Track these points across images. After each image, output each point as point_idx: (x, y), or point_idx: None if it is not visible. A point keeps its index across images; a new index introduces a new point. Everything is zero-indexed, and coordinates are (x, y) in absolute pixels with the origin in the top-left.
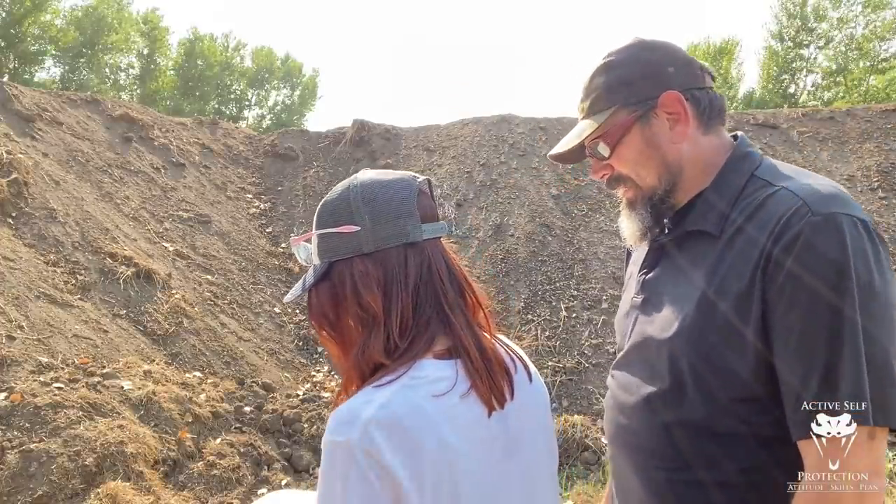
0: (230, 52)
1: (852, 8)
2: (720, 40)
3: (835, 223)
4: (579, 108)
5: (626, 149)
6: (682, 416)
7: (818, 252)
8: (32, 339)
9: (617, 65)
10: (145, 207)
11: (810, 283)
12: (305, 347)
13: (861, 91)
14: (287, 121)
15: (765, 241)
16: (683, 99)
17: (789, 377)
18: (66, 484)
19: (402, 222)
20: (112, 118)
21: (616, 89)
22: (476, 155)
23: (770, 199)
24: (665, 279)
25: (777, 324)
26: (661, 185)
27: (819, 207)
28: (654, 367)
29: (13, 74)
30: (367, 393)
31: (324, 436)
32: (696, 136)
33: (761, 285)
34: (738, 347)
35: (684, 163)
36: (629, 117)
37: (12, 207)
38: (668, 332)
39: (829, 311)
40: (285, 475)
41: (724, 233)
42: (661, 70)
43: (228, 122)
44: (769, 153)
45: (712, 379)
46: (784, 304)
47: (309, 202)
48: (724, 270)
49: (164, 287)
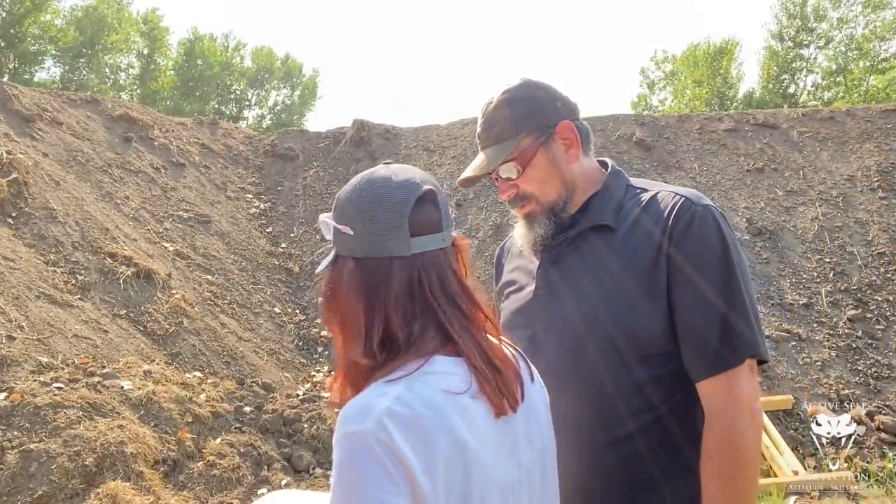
0: (230, 52)
1: (852, 8)
2: (720, 40)
3: (710, 212)
4: (480, 136)
5: (533, 170)
6: (610, 379)
7: (706, 232)
8: (32, 339)
9: (517, 100)
10: (145, 207)
11: (705, 255)
12: (305, 347)
13: (861, 91)
14: (287, 121)
15: (662, 227)
16: (575, 127)
17: (694, 327)
18: (66, 484)
19: (390, 235)
20: (112, 118)
21: (521, 120)
22: (476, 155)
23: (654, 199)
24: (568, 270)
25: (680, 287)
26: (561, 199)
27: (697, 201)
28: (578, 342)
29: (13, 74)
30: (379, 387)
31: (336, 431)
32: (581, 158)
33: (665, 260)
34: (650, 310)
35: (577, 179)
36: (535, 143)
37: (12, 207)
38: (586, 309)
39: (721, 272)
40: (285, 475)
41: (619, 226)
42: (554, 104)
43: (228, 122)
44: (769, 153)
45: (629, 341)
46: (686, 271)
47: (309, 202)
48: (629, 253)
49: (164, 287)
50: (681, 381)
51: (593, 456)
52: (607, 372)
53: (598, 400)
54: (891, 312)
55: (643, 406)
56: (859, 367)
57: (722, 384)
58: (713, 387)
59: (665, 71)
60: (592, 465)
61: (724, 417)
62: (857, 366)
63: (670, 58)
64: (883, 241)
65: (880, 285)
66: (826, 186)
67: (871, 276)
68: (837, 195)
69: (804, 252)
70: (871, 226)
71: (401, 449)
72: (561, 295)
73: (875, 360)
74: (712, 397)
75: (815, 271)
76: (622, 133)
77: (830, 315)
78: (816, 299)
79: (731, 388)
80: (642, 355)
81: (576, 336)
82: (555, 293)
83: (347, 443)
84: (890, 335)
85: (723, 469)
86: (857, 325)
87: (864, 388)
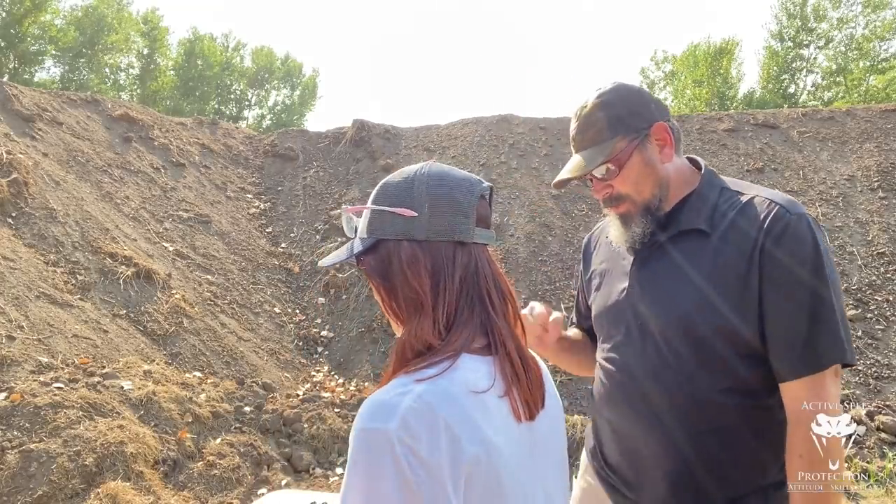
0: (230, 52)
1: (852, 8)
2: (720, 40)
3: (805, 220)
4: (575, 139)
5: (629, 170)
6: (699, 378)
7: (800, 240)
8: (32, 339)
9: (611, 103)
10: (145, 207)
11: (797, 262)
12: (305, 347)
13: (861, 91)
14: (287, 121)
15: (756, 234)
16: (668, 128)
17: (784, 332)
18: (66, 484)
19: (458, 220)
20: (112, 118)
21: (616, 122)
22: (476, 155)
23: (749, 204)
24: (661, 271)
25: (773, 293)
26: (656, 199)
27: (792, 209)
28: (667, 342)
29: (13, 74)
30: (404, 383)
31: (356, 423)
32: (674, 158)
33: (758, 265)
34: (741, 313)
35: (671, 179)
36: (630, 145)
37: (12, 207)
38: (678, 310)
39: (813, 281)
40: (285, 475)
41: (714, 230)
42: (647, 106)
43: (228, 122)
44: (769, 153)
45: (719, 341)
46: (779, 279)
47: (309, 202)
48: (724, 258)
49: (164, 287)
50: (765, 385)
51: (678, 449)
52: (696, 371)
53: (684, 396)
54: (891, 312)
55: (729, 402)
56: (859, 367)
57: (807, 387)
58: (799, 388)
59: (665, 71)
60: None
61: (810, 418)
62: (857, 366)
63: (670, 58)
64: (883, 241)
65: (880, 285)
66: (826, 186)
67: (871, 276)
68: (837, 195)
69: None
70: (871, 226)
71: (423, 449)
72: (653, 295)
73: (875, 360)
74: (798, 398)
75: None
76: None
77: None
78: None
79: (817, 391)
80: (737, 355)
81: (665, 336)
82: (647, 293)
83: (368, 437)
84: (890, 335)
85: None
86: (857, 325)
87: (864, 388)
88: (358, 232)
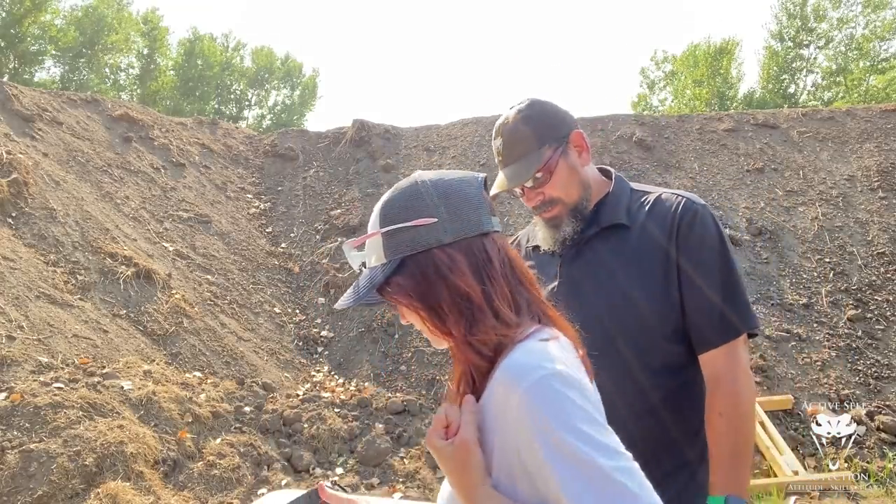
0: (230, 52)
1: (852, 8)
2: (720, 40)
3: (708, 209)
4: (503, 153)
5: (558, 176)
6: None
7: (706, 225)
8: (32, 339)
9: (532, 117)
10: (145, 207)
11: (707, 243)
12: (305, 347)
13: (861, 91)
14: (287, 121)
15: (671, 221)
16: (583, 135)
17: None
18: (66, 484)
19: (477, 213)
20: (112, 118)
21: (541, 134)
22: (476, 155)
23: (659, 199)
24: (590, 265)
25: (689, 274)
26: (583, 199)
27: (697, 201)
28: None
29: (13, 74)
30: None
31: (516, 385)
32: (589, 162)
33: (675, 246)
34: (667, 291)
35: (590, 181)
36: (556, 153)
37: (12, 207)
38: (610, 298)
39: (720, 260)
40: (285, 475)
41: (633, 222)
42: (563, 117)
43: (228, 122)
44: (769, 153)
45: (657, 319)
46: (693, 258)
47: (309, 202)
48: (646, 245)
49: (164, 287)
50: (686, 358)
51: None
52: (633, 353)
53: (625, 379)
54: (891, 312)
55: (661, 381)
56: (859, 367)
57: (725, 353)
58: (717, 355)
59: (665, 71)
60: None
61: (729, 380)
62: (857, 366)
63: (670, 58)
64: (883, 241)
65: (880, 285)
66: (826, 186)
67: (871, 276)
68: (837, 195)
69: (804, 252)
70: (871, 226)
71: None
72: (584, 287)
73: (875, 360)
74: (717, 364)
75: (815, 271)
76: (622, 133)
77: (830, 315)
78: (816, 299)
79: (734, 356)
80: (666, 332)
81: (601, 324)
82: (577, 286)
83: (547, 381)
84: (890, 335)
85: (731, 422)
86: (857, 325)
87: (864, 388)
88: (372, 261)
